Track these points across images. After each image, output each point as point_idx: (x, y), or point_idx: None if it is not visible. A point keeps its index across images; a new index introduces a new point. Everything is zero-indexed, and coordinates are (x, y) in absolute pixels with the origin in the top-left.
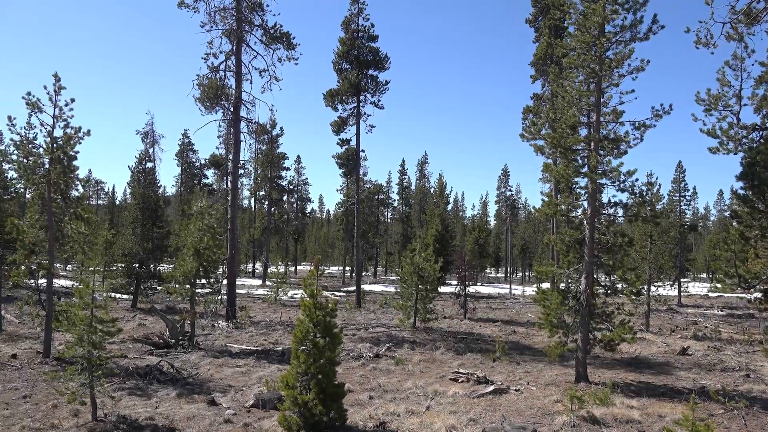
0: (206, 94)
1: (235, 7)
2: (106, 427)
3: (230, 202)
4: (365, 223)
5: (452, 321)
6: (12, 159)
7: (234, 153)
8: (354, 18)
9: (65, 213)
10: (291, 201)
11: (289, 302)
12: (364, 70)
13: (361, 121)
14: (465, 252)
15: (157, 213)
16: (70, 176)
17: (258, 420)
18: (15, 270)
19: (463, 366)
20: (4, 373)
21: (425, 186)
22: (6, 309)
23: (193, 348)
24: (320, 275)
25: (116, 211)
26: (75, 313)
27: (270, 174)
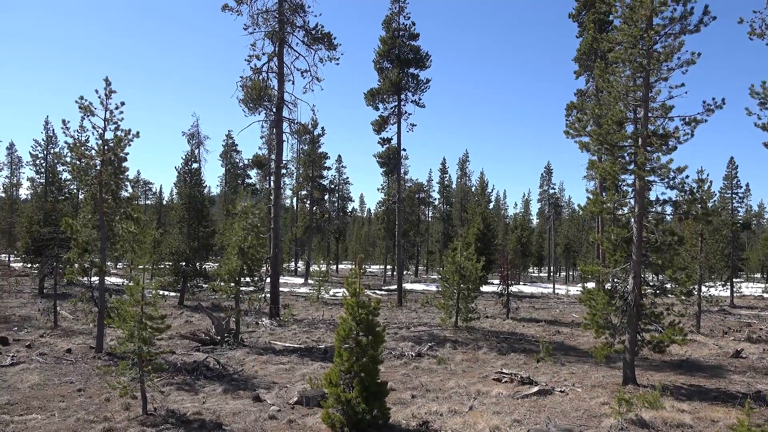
0: (249, 96)
1: (277, 9)
2: (156, 420)
3: (273, 202)
4: (406, 221)
5: (494, 320)
6: (66, 161)
7: (277, 153)
8: (395, 17)
9: (116, 213)
10: (332, 200)
11: (331, 301)
12: (405, 69)
13: (402, 120)
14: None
15: (202, 212)
16: (120, 177)
17: (302, 417)
18: (69, 268)
19: (506, 366)
20: (60, 366)
21: (466, 184)
22: (61, 305)
23: (238, 345)
24: (362, 274)
25: (163, 211)
26: (126, 309)
27: (311, 173)
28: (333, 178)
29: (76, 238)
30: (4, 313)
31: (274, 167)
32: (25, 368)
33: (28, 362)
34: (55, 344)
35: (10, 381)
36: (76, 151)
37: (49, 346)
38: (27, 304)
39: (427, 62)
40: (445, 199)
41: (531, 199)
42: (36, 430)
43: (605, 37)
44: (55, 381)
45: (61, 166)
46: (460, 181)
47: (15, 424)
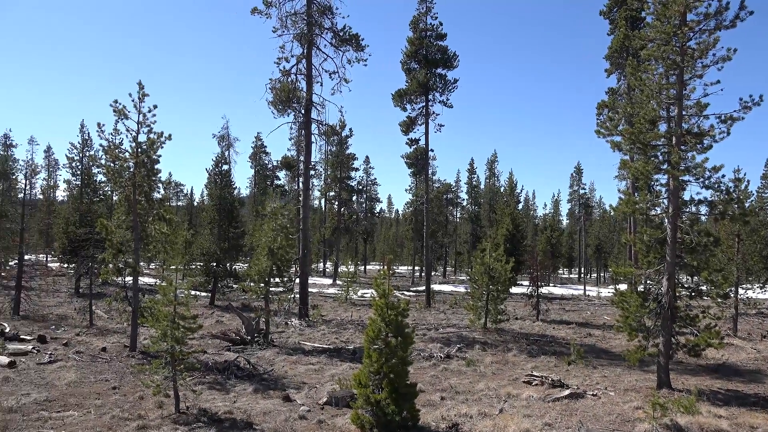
0: (278, 98)
1: (305, 11)
2: (188, 419)
3: (302, 203)
4: (434, 222)
5: (524, 322)
6: (101, 163)
7: (305, 154)
8: (422, 17)
9: (149, 214)
10: (360, 201)
11: (359, 301)
12: (433, 69)
13: (429, 121)
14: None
15: (232, 214)
16: (153, 179)
17: (331, 417)
18: (104, 268)
19: (536, 369)
20: (95, 364)
21: (495, 185)
22: (96, 305)
23: (267, 345)
24: (391, 275)
25: (194, 212)
26: (159, 309)
27: (340, 174)
28: (361, 179)
29: (110, 239)
30: (42, 312)
31: (302, 168)
32: (63, 366)
33: (65, 360)
34: (90, 343)
35: (49, 378)
36: (110, 153)
37: (85, 344)
38: (64, 303)
39: (454, 62)
40: (474, 200)
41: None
42: (73, 426)
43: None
44: (91, 379)
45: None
46: (489, 181)
47: (53, 421)
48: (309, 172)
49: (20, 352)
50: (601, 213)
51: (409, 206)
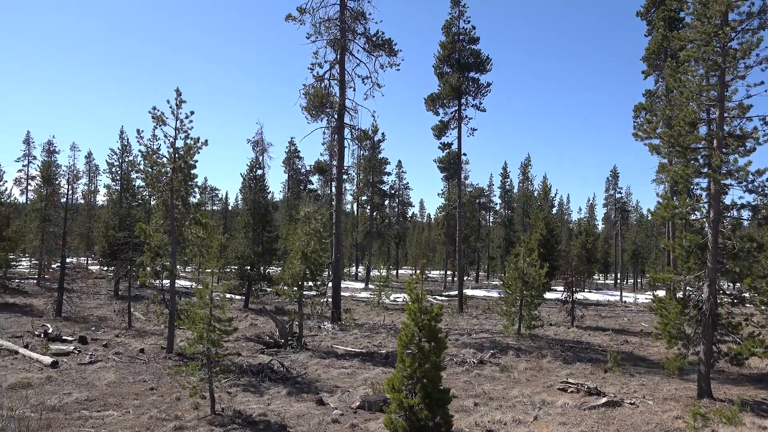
0: (312, 103)
1: (339, 17)
2: (223, 420)
3: (335, 207)
4: (467, 227)
5: (559, 328)
6: (140, 169)
7: (338, 159)
8: (455, 21)
9: (185, 218)
10: (392, 205)
11: (391, 306)
12: (465, 73)
13: (462, 125)
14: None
15: (266, 218)
16: (189, 184)
17: (364, 421)
18: (142, 271)
19: (571, 376)
20: (134, 365)
21: (528, 189)
22: (134, 307)
23: (301, 348)
24: (423, 279)
25: (229, 217)
26: (195, 312)
27: (372, 179)
28: (393, 183)
29: (149, 243)
30: (83, 313)
31: (335, 173)
32: (102, 366)
33: (105, 361)
34: (129, 344)
35: (89, 378)
36: (149, 159)
37: (123, 345)
38: (103, 305)
39: (487, 66)
40: (507, 204)
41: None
42: (112, 426)
43: (676, 35)
44: (130, 379)
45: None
46: (522, 185)
47: (93, 420)
48: (342, 177)
49: (62, 353)
50: (638, 217)
51: (442, 210)
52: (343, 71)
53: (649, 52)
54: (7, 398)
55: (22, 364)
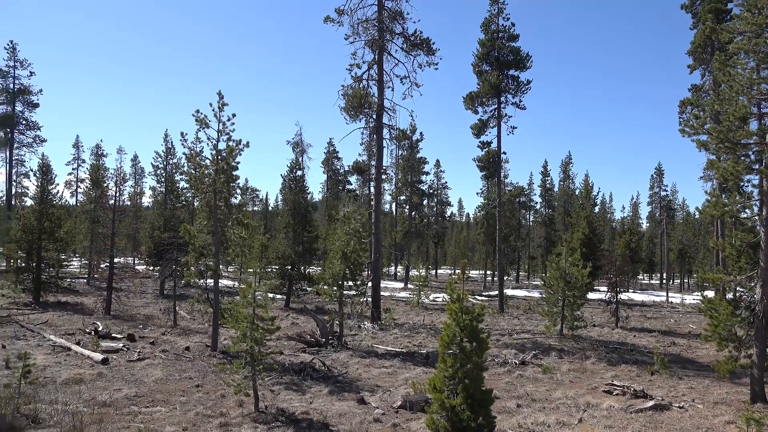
0: (350, 104)
1: (377, 17)
2: (267, 418)
3: (374, 207)
4: (507, 226)
5: (602, 329)
6: (184, 170)
7: (377, 159)
8: (494, 19)
9: (228, 219)
10: (431, 205)
11: (430, 305)
12: (505, 71)
13: (501, 123)
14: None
15: (306, 218)
16: (231, 185)
17: (406, 421)
18: (187, 271)
19: (616, 378)
20: (179, 363)
21: (569, 187)
22: (179, 306)
23: (341, 347)
24: (467, 279)
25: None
26: (239, 311)
27: (410, 179)
28: (431, 182)
29: (193, 243)
30: (131, 311)
31: (374, 173)
32: (150, 363)
33: (152, 358)
34: (175, 342)
35: (137, 375)
36: (192, 161)
37: (169, 343)
38: (150, 303)
39: (527, 63)
40: (547, 203)
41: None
42: (161, 422)
43: (724, 27)
44: (176, 376)
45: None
46: (563, 183)
47: (142, 416)
48: (381, 177)
49: (112, 350)
50: (685, 216)
51: (481, 210)
52: (382, 71)
53: (695, 46)
54: (62, 393)
55: (75, 361)
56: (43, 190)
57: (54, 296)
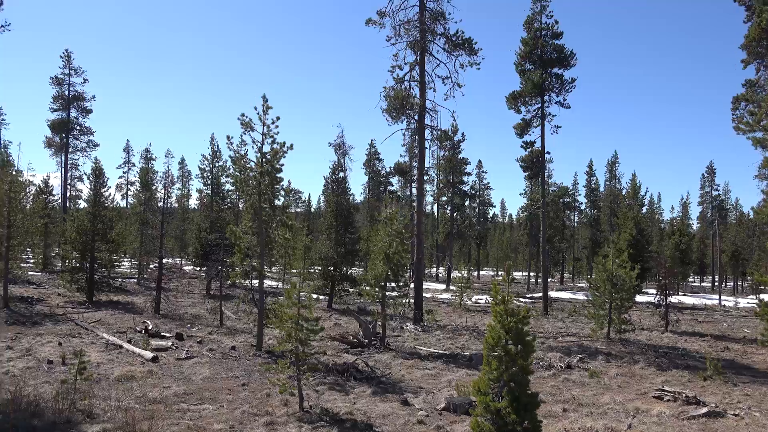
0: (392, 105)
1: (418, 18)
2: (311, 418)
3: (416, 208)
4: (551, 227)
5: (651, 333)
6: (230, 173)
7: (419, 160)
8: (536, 16)
9: (272, 220)
10: (473, 206)
11: (473, 307)
12: (548, 69)
13: (545, 122)
14: (664, 258)
15: (348, 219)
16: (276, 187)
17: (450, 423)
18: (233, 271)
19: (667, 383)
20: (226, 362)
21: (616, 187)
22: (225, 306)
23: (384, 348)
24: (511, 281)
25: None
26: (284, 311)
27: (452, 179)
28: (473, 183)
29: (239, 244)
30: (179, 311)
31: (416, 174)
32: (198, 362)
33: (200, 357)
34: (221, 341)
35: (186, 373)
36: (238, 163)
37: (216, 342)
38: (197, 303)
39: (571, 61)
40: (592, 203)
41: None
42: (208, 419)
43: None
44: (223, 375)
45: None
46: (609, 183)
47: (191, 413)
48: (422, 178)
49: (161, 348)
50: (738, 216)
51: (524, 210)
52: (423, 72)
53: (749, 39)
54: (114, 389)
55: (126, 358)
56: (96, 193)
57: (106, 295)
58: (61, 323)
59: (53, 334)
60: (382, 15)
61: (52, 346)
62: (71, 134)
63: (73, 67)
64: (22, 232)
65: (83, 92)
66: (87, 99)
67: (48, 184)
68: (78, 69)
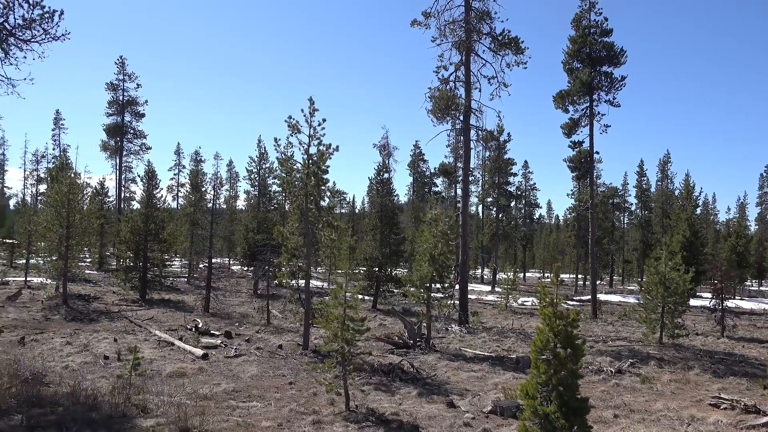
0: (437, 106)
1: (463, 18)
2: (357, 417)
3: (461, 209)
4: (599, 228)
5: (706, 338)
6: (277, 174)
7: (464, 161)
8: (585, 14)
9: (318, 221)
10: (519, 207)
11: (519, 309)
12: (597, 67)
13: (594, 122)
14: (720, 261)
15: (393, 220)
16: (322, 188)
17: (497, 427)
18: (280, 271)
19: (724, 391)
20: (273, 360)
21: (668, 188)
22: (272, 305)
23: (429, 350)
24: (560, 283)
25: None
26: (330, 311)
27: (498, 180)
28: (519, 184)
29: (285, 244)
30: (227, 310)
31: (461, 174)
32: (246, 360)
33: (248, 355)
34: (268, 340)
35: (235, 371)
36: (284, 165)
37: (263, 341)
38: (244, 302)
39: (621, 58)
40: (643, 204)
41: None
42: (257, 416)
43: None
44: (270, 373)
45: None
46: (661, 184)
47: (240, 410)
48: (468, 179)
49: (211, 346)
50: None
51: (572, 211)
52: (469, 72)
53: None
54: (167, 385)
55: (178, 355)
56: (149, 194)
57: (158, 294)
58: (116, 320)
59: (109, 330)
60: (427, 16)
61: (108, 342)
62: (125, 138)
63: (127, 73)
64: (80, 232)
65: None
66: (140, 103)
67: (104, 186)
68: (131, 75)
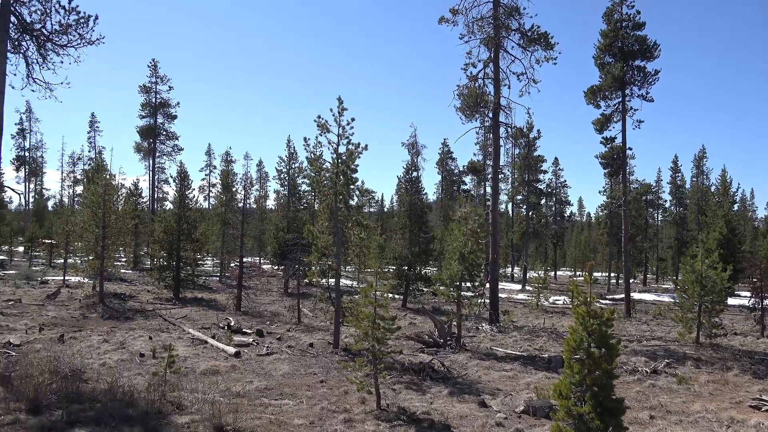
0: (466, 103)
1: (492, 14)
2: (389, 416)
3: (491, 207)
4: (632, 226)
5: (745, 338)
6: (306, 174)
7: (494, 158)
8: (617, 8)
9: (348, 220)
10: (549, 204)
11: (550, 308)
12: (630, 62)
13: (626, 117)
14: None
15: (422, 219)
16: (351, 187)
17: (529, 427)
18: (310, 270)
19: (765, 392)
20: (304, 358)
21: (703, 184)
22: (303, 304)
23: (459, 349)
24: (594, 282)
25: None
26: (360, 310)
27: (527, 178)
28: (549, 181)
29: (315, 243)
30: (258, 308)
31: (491, 172)
32: (277, 358)
33: (279, 353)
34: (299, 338)
35: (267, 369)
36: (314, 164)
37: (294, 339)
38: (275, 301)
39: (655, 52)
40: (678, 201)
41: None
42: (289, 414)
43: None
44: (301, 371)
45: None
46: (696, 180)
47: (272, 407)
48: (497, 176)
49: (243, 344)
50: None
51: (604, 209)
52: (498, 69)
53: None
54: (200, 382)
55: (211, 353)
56: (181, 194)
57: (191, 292)
58: (150, 318)
59: (144, 328)
60: (455, 13)
61: (143, 340)
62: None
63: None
64: (116, 232)
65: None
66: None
67: (137, 187)
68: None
